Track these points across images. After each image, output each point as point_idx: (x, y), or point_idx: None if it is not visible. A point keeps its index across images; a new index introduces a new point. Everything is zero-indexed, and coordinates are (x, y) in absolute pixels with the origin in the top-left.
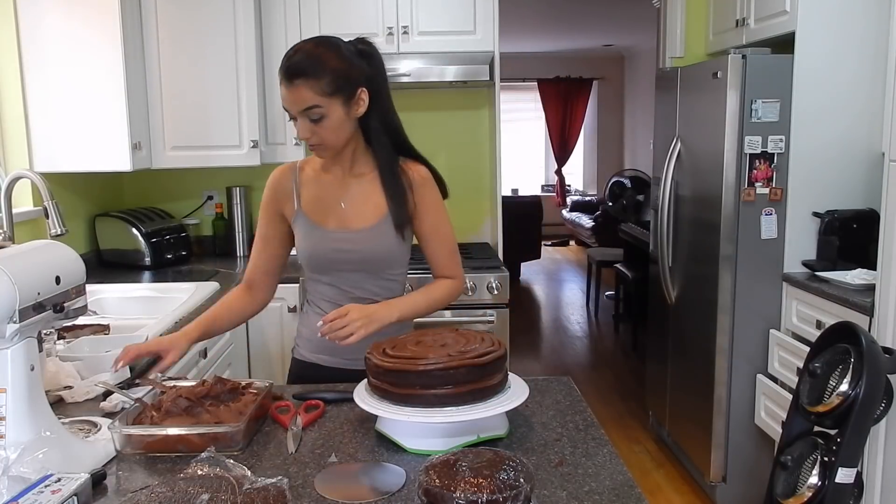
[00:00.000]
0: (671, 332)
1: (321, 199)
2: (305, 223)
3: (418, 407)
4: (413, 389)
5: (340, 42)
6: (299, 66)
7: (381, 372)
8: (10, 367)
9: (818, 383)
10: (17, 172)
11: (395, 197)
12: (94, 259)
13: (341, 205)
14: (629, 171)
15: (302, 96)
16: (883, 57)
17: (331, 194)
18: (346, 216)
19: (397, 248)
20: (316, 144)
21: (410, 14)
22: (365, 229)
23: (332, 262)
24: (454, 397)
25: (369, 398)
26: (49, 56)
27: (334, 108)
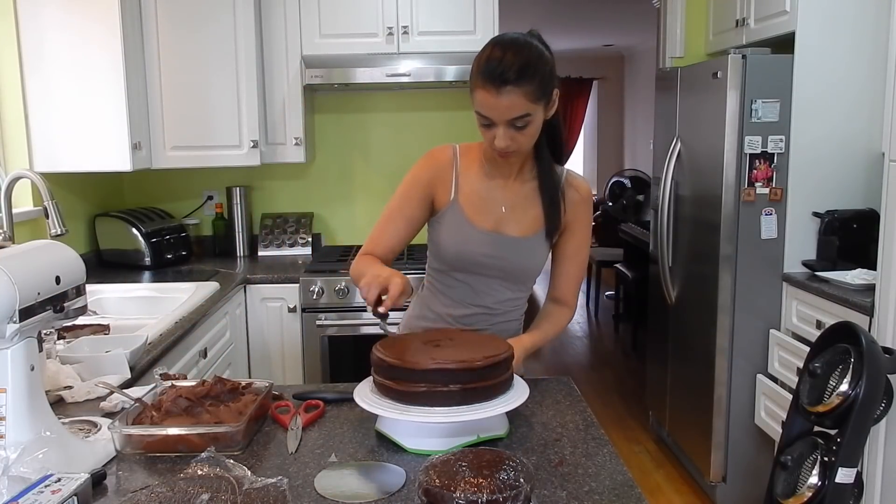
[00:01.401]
0: (671, 332)
1: (482, 197)
2: (459, 216)
3: (418, 407)
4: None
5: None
6: (513, 72)
7: (385, 368)
8: (10, 367)
9: (818, 383)
10: (17, 172)
11: (552, 207)
12: (94, 259)
13: (503, 209)
14: (629, 171)
15: (517, 103)
16: (883, 56)
17: (493, 194)
18: (505, 221)
19: (542, 262)
20: (511, 152)
21: (410, 14)
22: (520, 239)
23: (477, 265)
24: (454, 397)
25: (369, 398)
26: (49, 56)
27: (538, 114)
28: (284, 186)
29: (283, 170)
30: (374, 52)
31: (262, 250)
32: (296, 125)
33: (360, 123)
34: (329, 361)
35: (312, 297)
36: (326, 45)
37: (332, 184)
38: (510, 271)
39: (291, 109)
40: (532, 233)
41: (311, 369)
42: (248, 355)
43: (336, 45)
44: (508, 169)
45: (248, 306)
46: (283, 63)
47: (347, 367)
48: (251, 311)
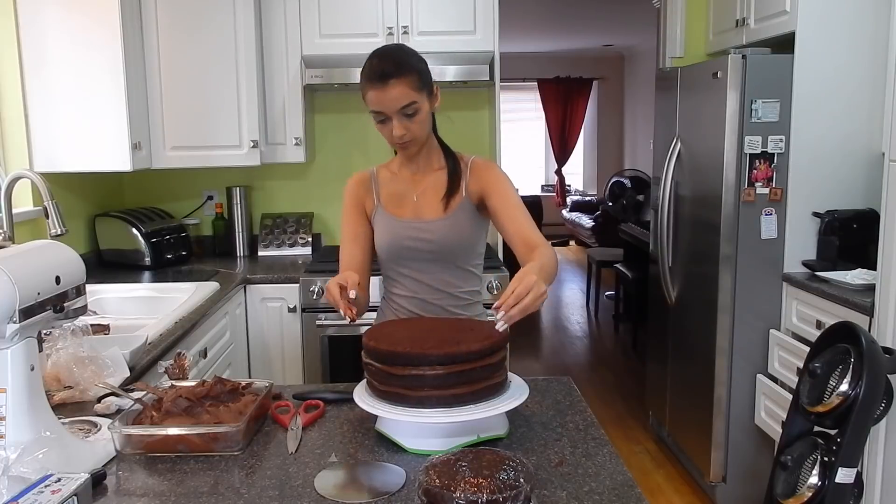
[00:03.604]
0: (671, 332)
1: (399, 194)
2: (383, 216)
3: (418, 407)
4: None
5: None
6: (391, 67)
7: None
8: (10, 367)
9: (818, 383)
10: (17, 172)
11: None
12: (94, 259)
13: (415, 197)
14: (629, 171)
15: (402, 93)
16: (883, 57)
17: (406, 189)
18: (421, 207)
19: (471, 236)
20: (408, 141)
21: (410, 14)
22: (439, 219)
23: (408, 251)
24: (454, 398)
25: (369, 398)
26: (49, 56)
27: (423, 103)
28: (284, 186)
29: (283, 170)
30: None
31: (262, 250)
32: (296, 125)
33: (360, 123)
34: (329, 361)
35: (312, 297)
36: (326, 45)
37: (332, 184)
38: (441, 251)
39: (291, 109)
40: (449, 212)
41: (311, 369)
42: (248, 355)
43: (336, 45)
44: (415, 163)
45: (248, 306)
46: (283, 63)
47: (347, 367)
48: (251, 311)
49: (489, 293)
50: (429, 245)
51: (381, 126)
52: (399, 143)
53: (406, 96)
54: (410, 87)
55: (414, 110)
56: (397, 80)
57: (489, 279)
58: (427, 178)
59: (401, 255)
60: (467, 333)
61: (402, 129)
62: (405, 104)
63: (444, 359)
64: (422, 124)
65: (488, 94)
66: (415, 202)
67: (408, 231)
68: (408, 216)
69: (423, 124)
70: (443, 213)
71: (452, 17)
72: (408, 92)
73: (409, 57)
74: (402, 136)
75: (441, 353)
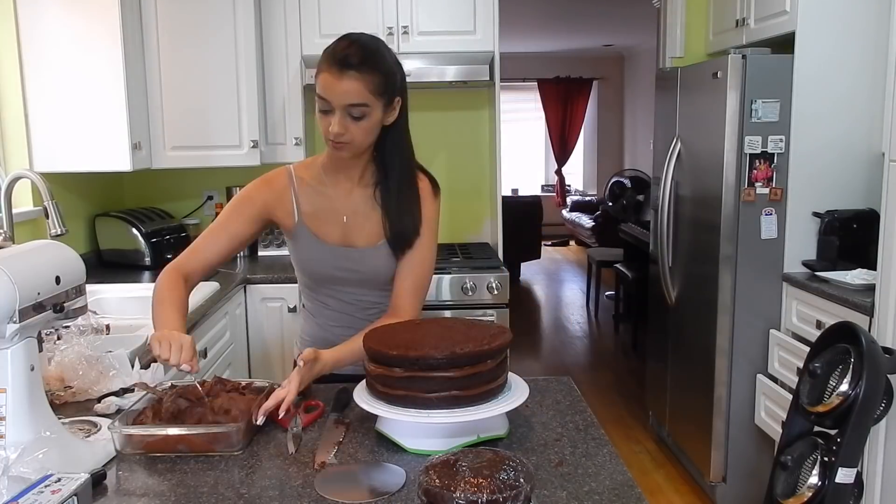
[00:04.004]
0: (671, 332)
1: (323, 211)
2: (306, 235)
3: (419, 407)
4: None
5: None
6: (356, 58)
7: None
8: (10, 367)
9: (818, 383)
10: (17, 172)
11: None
12: (94, 259)
13: (343, 218)
14: (629, 171)
15: (351, 89)
16: (883, 57)
17: (333, 206)
18: (350, 232)
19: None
20: (344, 143)
21: (410, 14)
22: (368, 249)
23: (333, 279)
24: (455, 399)
25: (369, 398)
26: (49, 56)
27: (376, 110)
28: None
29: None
30: None
31: (262, 250)
32: (296, 125)
33: None
34: None
35: None
36: (327, 45)
37: None
38: (364, 280)
39: (291, 109)
40: (377, 241)
41: None
42: (248, 355)
43: None
44: (346, 174)
45: (248, 306)
46: (283, 63)
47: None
48: (251, 311)
49: (489, 293)
50: (357, 275)
51: (321, 116)
52: (333, 142)
53: (358, 95)
54: (367, 87)
55: (361, 113)
56: (356, 74)
57: (489, 279)
58: (356, 193)
59: (324, 280)
60: (468, 334)
61: (341, 128)
62: (354, 102)
63: (445, 361)
64: (365, 132)
65: (488, 94)
66: (344, 223)
67: (336, 259)
68: (335, 240)
69: (367, 132)
70: (370, 241)
71: (452, 17)
72: (361, 91)
73: (380, 56)
74: (339, 136)
75: (442, 356)
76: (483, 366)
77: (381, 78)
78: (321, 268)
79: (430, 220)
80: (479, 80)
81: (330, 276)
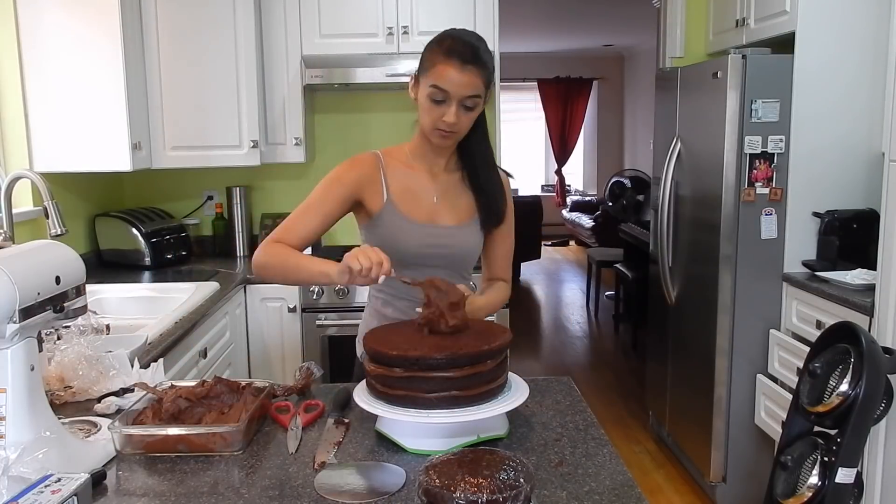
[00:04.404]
0: (671, 332)
1: (412, 192)
2: (394, 214)
3: (419, 407)
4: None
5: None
6: (474, 53)
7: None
8: (10, 367)
9: (818, 383)
10: (17, 172)
11: (487, 195)
12: (94, 259)
13: (434, 199)
14: (629, 171)
15: (474, 82)
16: (883, 57)
17: (422, 186)
18: (438, 211)
19: (480, 246)
20: (452, 132)
21: (410, 14)
22: (457, 227)
23: (420, 258)
24: (455, 399)
25: (369, 398)
26: (49, 56)
27: (482, 101)
28: (284, 186)
29: (283, 170)
30: (374, 52)
31: None
32: (296, 125)
33: (360, 123)
34: (329, 361)
35: (312, 297)
36: (326, 45)
37: None
38: (450, 259)
39: (291, 109)
40: (466, 221)
41: None
42: (248, 355)
43: (336, 45)
44: (437, 160)
45: (248, 306)
46: (283, 63)
47: (347, 367)
48: (251, 311)
49: None
50: (446, 251)
51: (432, 105)
52: (444, 132)
53: (477, 87)
54: (483, 80)
55: (474, 104)
56: (476, 68)
57: None
58: (443, 178)
59: (409, 259)
60: (468, 334)
61: (456, 118)
62: (473, 94)
63: (445, 361)
64: (471, 121)
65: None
66: (434, 204)
67: (425, 237)
68: (423, 219)
69: (471, 122)
70: (459, 220)
71: (452, 17)
72: (479, 84)
73: (487, 51)
74: (453, 126)
75: (442, 356)
76: (483, 366)
77: (490, 72)
78: (409, 246)
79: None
80: None
81: (417, 255)
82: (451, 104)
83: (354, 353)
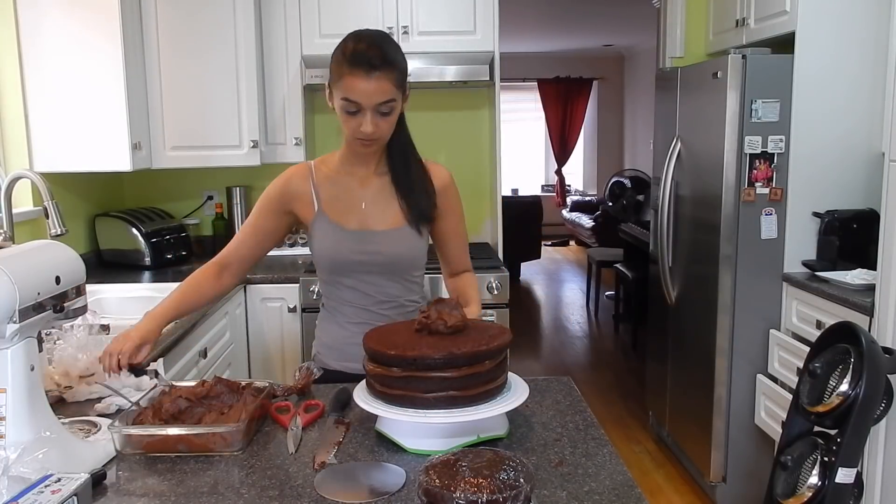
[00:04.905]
0: (671, 332)
1: (341, 199)
2: (325, 224)
3: (419, 407)
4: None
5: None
6: (379, 58)
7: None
8: (10, 367)
9: (818, 383)
10: (17, 172)
11: (415, 196)
12: (94, 259)
13: (362, 205)
14: (629, 171)
15: (383, 88)
16: (883, 57)
17: (351, 194)
18: (368, 217)
19: (419, 250)
20: (374, 139)
21: (410, 14)
22: (388, 231)
23: (354, 265)
24: (455, 399)
25: (369, 398)
26: (49, 56)
27: (399, 102)
28: None
29: (283, 170)
30: None
31: None
32: (296, 125)
33: None
34: None
35: (312, 297)
36: (326, 45)
37: None
38: (386, 264)
39: (291, 109)
40: (397, 224)
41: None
42: (248, 355)
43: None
44: (365, 165)
45: (248, 306)
46: (283, 63)
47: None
48: (251, 311)
49: (489, 293)
50: (380, 258)
51: (348, 117)
52: (365, 141)
53: (387, 92)
54: (393, 83)
55: (390, 108)
56: (382, 73)
57: (489, 279)
58: (372, 182)
59: (344, 267)
60: (466, 334)
61: (373, 126)
62: (384, 100)
63: (443, 361)
64: (391, 125)
65: (488, 94)
66: (362, 210)
67: (357, 243)
68: (354, 226)
69: (392, 125)
70: (392, 224)
71: (452, 17)
72: (389, 88)
73: (395, 51)
74: (372, 134)
75: (440, 356)
76: (481, 366)
77: (401, 72)
78: (342, 254)
79: (457, 205)
80: (479, 80)
81: (351, 262)
82: (366, 113)
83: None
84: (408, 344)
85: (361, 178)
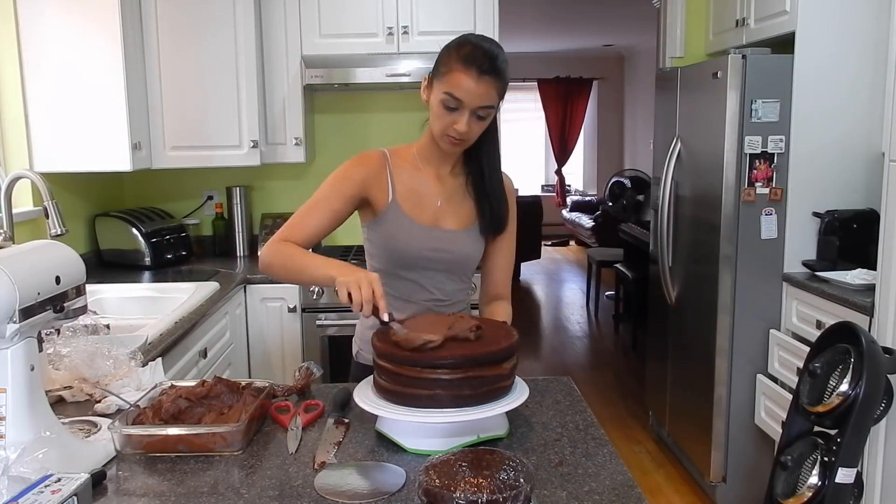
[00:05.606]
0: (671, 332)
1: (417, 193)
2: (399, 214)
3: (418, 407)
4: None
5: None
6: (491, 64)
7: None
8: (10, 367)
9: (818, 383)
10: (17, 172)
11: (492, 203)
12: (94, 259)
13: (438, 202)
14: (629, 171)
15: (489, 93)
16: (883, 57)
17: (428, 189)
18: (442, 215)
19: (480, 253)
20: (463, 140)
21: (410, 14)
22: (459, 231)
23: (421, 260)
24: (459, 398)
25: (369, 398)
26: (49, 56)
27: (494, 111)
28: (284, 186)
29: (283, 170)
30: (374, 52)
31: None
32: (296, 125)
33: (360, 123)
34: (329, 361)
35: (312, 297)
36: (326, 45)
37: None
38: (452, 263)
39: (291, 109)
40: (468, 225)
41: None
42: (248, 355)
43: (336, 45)
44: (445, 163)
45: (248, 306)
46: (283, 63)
47: (347, 367)
48: (251, 311)
49: None
50: (447, 256)
51: (444, 112)
52: (453, 139)
53: (491, 98)
54: (497, 91)
55: (487, 114)
56: (492, 79)
57: None
58: (448, 181)
59: (411, 262)
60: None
61: (467, 127)
62: (486, 104)
63: (449, 362)
64: (481, 130)
65: None
66: (437, 207)
67: (427, 240)
68: (426, 221)
69: (481, 130)
70: (462, 224)
71: (452, 17)
72: (494, 95)
73: (505, 64)
74: (464, 134)
75: (450, 359)
76: (487, 369)
77: (505, 84)
78: (411, 247)
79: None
80: None
81: (418, 257)
82: (464, 113)
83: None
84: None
85: (439, 175)
